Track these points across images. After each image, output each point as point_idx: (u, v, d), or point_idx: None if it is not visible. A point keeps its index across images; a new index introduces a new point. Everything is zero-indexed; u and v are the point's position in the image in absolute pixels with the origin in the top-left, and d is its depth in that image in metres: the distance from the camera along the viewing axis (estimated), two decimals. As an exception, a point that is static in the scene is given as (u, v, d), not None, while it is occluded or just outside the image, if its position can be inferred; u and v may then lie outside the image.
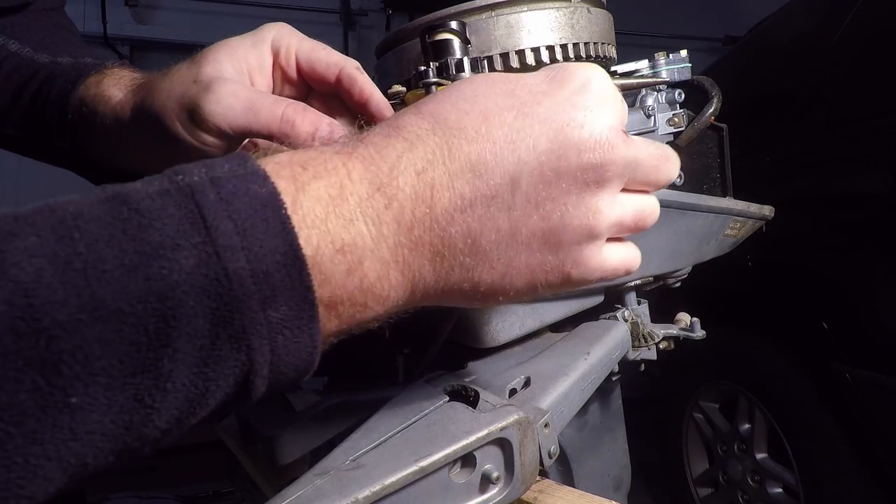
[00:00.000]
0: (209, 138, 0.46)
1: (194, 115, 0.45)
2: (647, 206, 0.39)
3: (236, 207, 0.27)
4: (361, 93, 0.49)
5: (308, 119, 0.45)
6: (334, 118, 0.48)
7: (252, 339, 0.27)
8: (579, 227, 0.35)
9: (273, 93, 0.50)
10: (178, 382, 0.26)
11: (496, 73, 0.36)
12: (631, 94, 0.71)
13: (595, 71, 0.37)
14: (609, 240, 0.38)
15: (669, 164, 0.40)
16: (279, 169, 0.30)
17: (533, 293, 0.37)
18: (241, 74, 0.48)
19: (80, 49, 0.62)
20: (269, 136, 0.46)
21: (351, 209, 0.31)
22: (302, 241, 0.28)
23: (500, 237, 0.34)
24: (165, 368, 0.26)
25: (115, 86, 0.54)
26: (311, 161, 0.31)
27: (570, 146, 0.34)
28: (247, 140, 0.51)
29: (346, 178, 0.31)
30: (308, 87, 0.51)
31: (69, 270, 0.24)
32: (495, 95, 0.35)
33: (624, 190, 0.38)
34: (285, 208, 0.28)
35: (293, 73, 0.50)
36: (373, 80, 0.68)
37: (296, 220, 0.29)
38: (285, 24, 0.51)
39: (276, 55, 0.50)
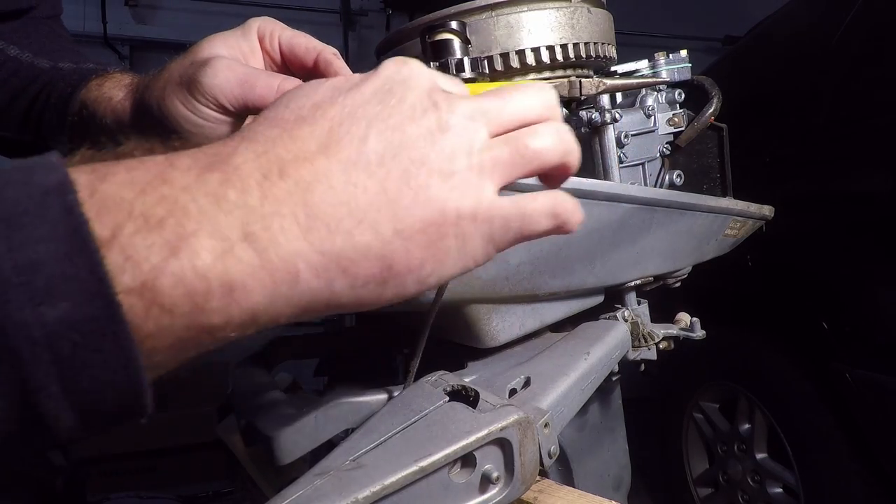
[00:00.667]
0: (208, 111, 0.47)
1: (192, 88, 0.46)
2: (524, 135, 0.34)
3: (6, 196, 0.23)
4: (336, 75, 0.50)
5: None
6: None
7: (19, 342, 0.22)
8: (436, 169, 0.31)
9: None
10: None
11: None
12: (631, 94, 0.71)
13: (403, 60, 0.35)
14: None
15: (526, 93, 0.35)
16: (80, 165, 0.26)
17: (449, 263, 0.32)
18: (237, 56, 0.50)
19: (79, 56, 0.62)
20: (264, 107, 0.46)
21: (173, 190, 0.26)
22: (97, 225, 0.24)
23: (365, 194, 0.29)
24: None
25: (116, 87, 0.54)
26: (119, 163, 0.27)
27: (395, 108, 0.32)
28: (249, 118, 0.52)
29: (166, 165, 0.27)
30: (290, 75, 0.53)
31: None
32: (324, 90, 0.33)
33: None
34: (74, 193, 0.24)
35: (277, 57, 0.52)
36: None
37: (90, 203, 0.24)
38: (269, 17, 0.53)
39: (261, 41, 0.52)
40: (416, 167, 0.31)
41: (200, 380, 2.28)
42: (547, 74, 0.61)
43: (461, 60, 0.51)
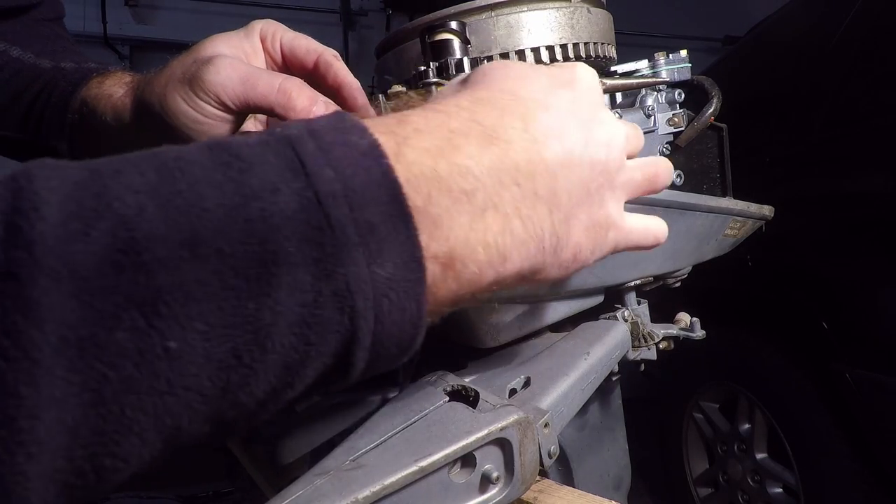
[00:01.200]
0: (210, 108, 0.47)
1: (195, 85, 0.46)
2: (650, 164, 0.41)
3: (336, 156, 0.26)
4: (336, 77, 0.51)
5: (305, 93, 0.47)
6: None
7: (356, 299, 0.25)
8: (609, 181, 0.37)
9: None
10: (278, 341, 0.24)
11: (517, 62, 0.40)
12: (631, 94, 0.71)
13: (590, 70, 0.40)
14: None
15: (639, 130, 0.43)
16: (377, 125, 0.29)
17: (594, 257, 0.38)
18: (239, 56, 0.50)
19: (81, 57, 0.62)
20: (268, 109, 0.47)
21: (463, 159, 0.29)
22: (410, 191, 0.27)
23: (580, 190, 0.35)
24: (265, 322, 0.24)
25: (116, 85, 0.54)
26: (407, 119, 0.30)
27: (597, 120, 0.37)
28: (249, 118, 0.52)
29: (451, 133, 0.30)
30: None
31: (170, 207, 0.23)
32: (544, 77, 0.37)
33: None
34: (387, 158, 0.27)
35: (279, 58, 0.52)
36: (373, 80, 0.68)
37: (400, 170, 0.27)
38: (271, 19, 0.54)
39: (263, 43, 0.52)
40: (601, 177, 0.36)
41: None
42: (547, 74, 0.61)
43: (461, 60, 0.51)
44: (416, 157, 0.28)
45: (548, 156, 0.33)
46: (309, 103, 0.46)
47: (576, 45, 0.60)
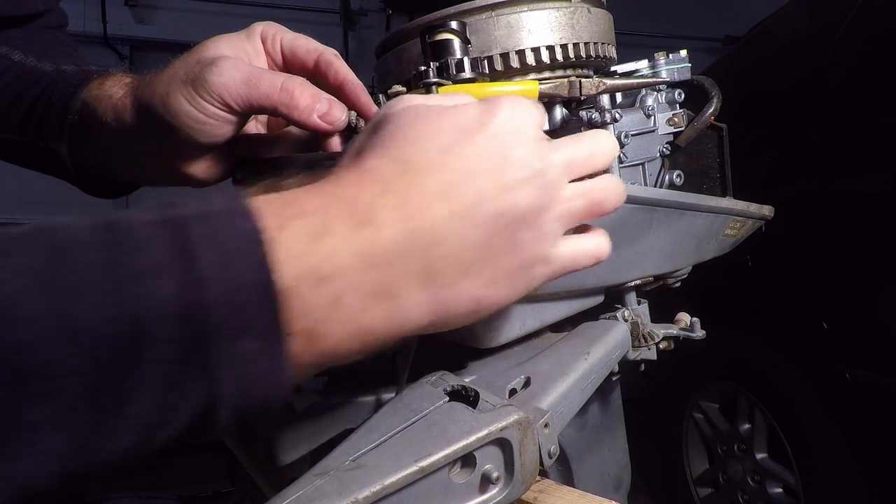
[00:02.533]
0: (213, 109, 0.47)
1: (198, 86, 0.47)
2: (596, 189, 0.40)
3: (220, 240, 0.28)
4: (336, 75, 0.51)
5: (307, 92, 0.47)
6: None
7: (220, 370, 0.28)
8: (532, 223, 0.37)
9: None
10: (138, 408, 0.26)
11: (432, 104, 0.38)
12: (631, 94, 0.71)
13: (514, 102, 0.39)
14: (578, 230, 0.41)
15: (601, 144, 0.41)
16: (265, 206, 0.31)
17: (515, 297, 0.39)
18: (241, 57, 0.50)
19: (83, 60, 0.63)
20: (271, 108, 0.47)
21: (334, 245, 0.32)
22: (283, 275, 0.29)
23: (476, 250, 0.35)
24: (127, 392, 0.26)
25: (117, 85, 0.55)
26: (295, 200, 0.32)
27: (509, 164, 0.36)
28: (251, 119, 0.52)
29: (328, 215, 0.32)
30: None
31: (51, 290, 0.25)
32: (447, 130, 0.36)
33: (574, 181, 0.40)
34: (266, 244, 0.29)
35: (279, 59, 0.53)
36: (373, 80, 0.68)
37: (278, 255, 0.29)
38: (271, 21, 0.54)
39: (264, 43, 0.53)
40: (517, 223, 0.36)
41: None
42: (547, 74, 0.61)
43: (461, 60, 0.51)
44: (292, 243, 0.30)
45: (425, 228, 0.34)
46: (311, 101, 0.47)
47: (576, 44, 0.60)
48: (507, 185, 0.36)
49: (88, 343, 0.25)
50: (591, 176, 0.41)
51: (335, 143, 0.52)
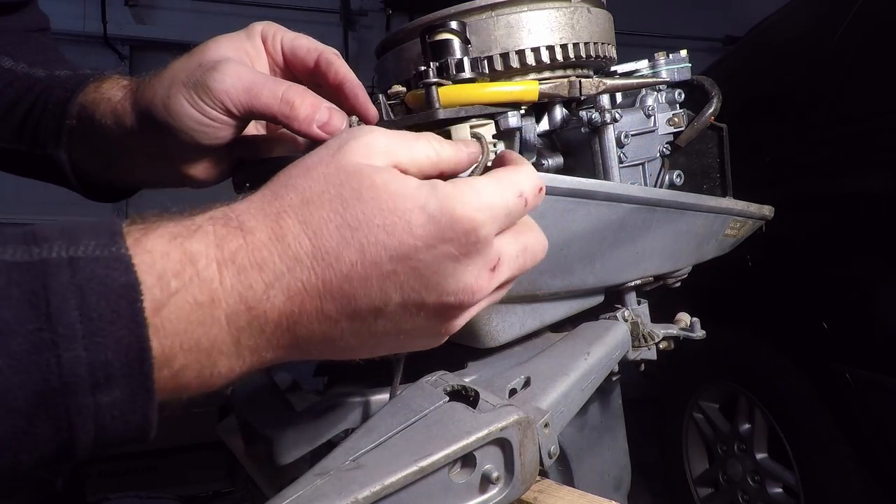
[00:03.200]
0: (214, 113, 0.47)
1: (200, 90, 0.47)
2: (504, 291, 0.41)
3: (87, 295, 0.28)
4: (336, 74, 0.51)
5: (308, 101, 0.47)
6: None
7: (75, 420, 0.28)
8: (435, 337, 0.40)
9: None
10: None
11: (383, 186, 0.35)
12: (631, 94, 0.71)
13: (474, 208, 0.36)
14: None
15: (538, 248, 0.41)
16: (150, 258, 0.30)
17: (434, 342, 0.41)
18: (243, 59, 0.50)
19: (73, 65, 0.62)
20: (272, 117, 0.47)
21: (216, 317, 0.32)
22: (154, 340, 0.29)
23: (360, 340, 0.37)
24: None
25: (115, 88, 0.54)
26: (183, 262, 0.31)
27: (437, 291, 0.36)
28: (251, 124, 0.52)
29: (218, 285, 0.32)
30: (293, 78, 0.53)
31: None
32: (377, 229, 0.34)
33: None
34: (141, 302, 0.29)
35: (280, 59, 0.53)
36: (373, 80, 0.68)
37: (154, 320, 0.29)
38: (271, 21, 0.54)
39: (264, 43, 0.53)
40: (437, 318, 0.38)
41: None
42: (547, 74, 0.61)
43: (461, 60, 0.51)
44: (173, 309, 0.30)
45: (304, 323, 0.35)
46: (311, 111, 0.46)
47: (576, 45, 0.60)
48: (420, 304, 0.36)
49: None
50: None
51: (367, 104, 0.52)
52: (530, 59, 0.58)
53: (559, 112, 0.65)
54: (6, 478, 0.29)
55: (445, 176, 0.39)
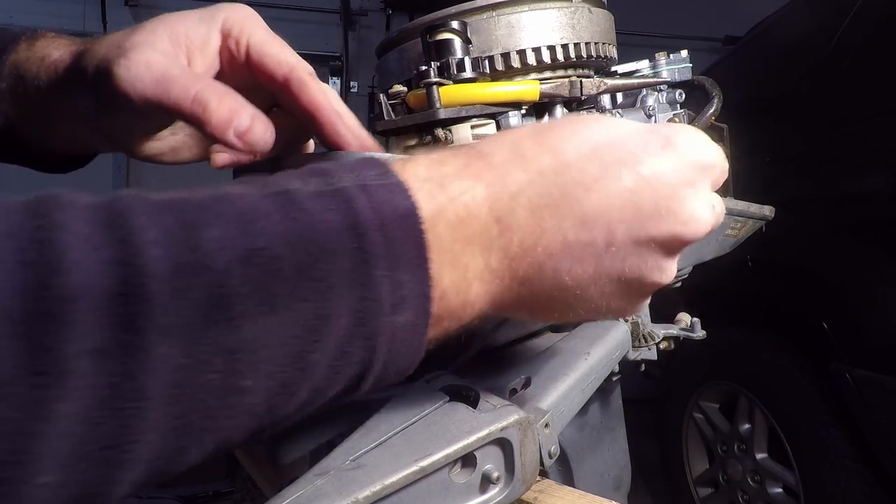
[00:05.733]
0: (115, 101, 0.42)
1: (103, 77, 0.42)
2: (719, 213, 0.41)
3: (384, 217, 0.30)
4: (310, 100, 0.45)
5: (226, 105, 0.41)
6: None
7: (379, 340, 0.30)
8: (651, 284, 0.38)
9: (219, 79, 0.44)
10: (318, 373, 0.29)
11: (608, 118, 0.39)
12: (632, 94, 0.71)
13: (705, 142, 0.38)
14: None
15: (719, 218, 0.41)
16: (418, 183, 0.32)
17: (592, 319, 0.43)
18: (177, 48, 0.44)
19: (2, 28, 0.55)
20: (182, 116, 0.42)
21: (471, 234, 0.33)
22: (431, 255, 0.31)
23: (583, 278, 0.36)
24: (313, 361, 0.29)
25: (50, 47, 0.49)
26: (445, 178, 0.33)
27: (671, 217, 0.36)
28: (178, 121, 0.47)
29: (471, 200, 0.33)
30: (253, 82, 0.47)
31: (252, 266, 0.27)
32: (614, 148, 0.36)
33: None
34: (423, 224, 0.31)
35: (241, 59, 0.45)
36: (374, 79, 0.66)
37: (430, 239, 0.31)
38: (247, 7, 0.46)
39: (226, 37, 0.45)
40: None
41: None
42: (548, 74, 0.61)
43: (462, 60, 0.51)
44: (442, 229, 0.32)
45: (543, 246, 0.35)
46: (228, 116, 0.40)
47: (577, 44, 0.60)
48: (650, 235, 0.36)
49: (284, 317, 0.27)
50: None
51: (346, 138, 0.46)
52: (531, 59, 0.58)
53: (560, 112, 0.65)
54: (299, 416, 0.31)
55: None
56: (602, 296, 0.37)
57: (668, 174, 0.35)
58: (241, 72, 0.46)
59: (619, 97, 0.70)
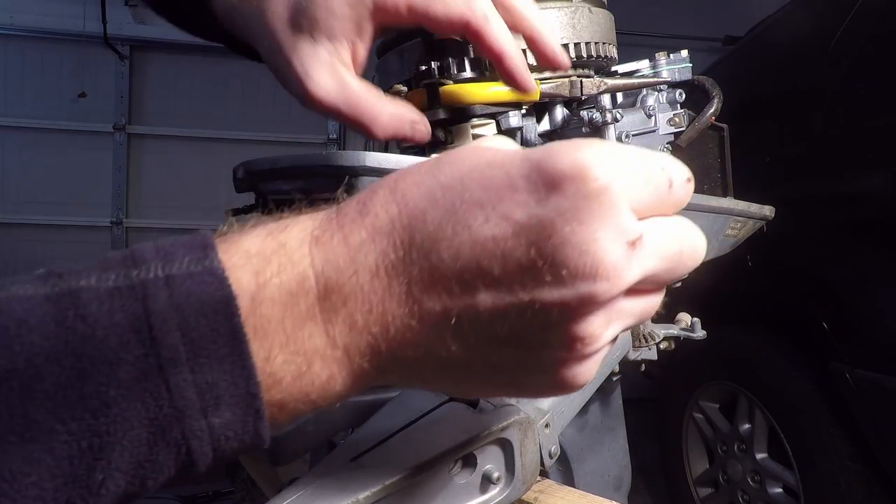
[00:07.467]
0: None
1: (292, 74, 0.45)
2: (649, 308, 0.33)
3: (186, 314, 0.27)
4: (489, 53, 0.46)
5: (391, 127, 0.47)
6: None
7: (193, 443, 0.27)
8: (565, 359, 0.30)
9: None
10: (112, 486, 0.27)
11: (478, 157, 0.30)
12: (632, 94, 0.71)
13: (594, 160, 0.27)
14: None
15: (695, 255, 0.34)
16: (243, 260, 0.29)
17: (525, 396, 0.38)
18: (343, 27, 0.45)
19: None
20: (352, 123, 0.46)
21: (304, 309, 0.29)
22: (254, 348, 0.28)
23: (459, 352, 0.30)
24: (98, 478, 0.26)
25: None
26: (280, 248, 0.29)
27: (557, 270, 0.27)
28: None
29: (304, 271, 0.29)
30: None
31: (4, 389, 0.24)
32: (471, 187, 0.29)
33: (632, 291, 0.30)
34: (239, 316, 0.27)
35: (403, 14, 0.44)
36: (373, 80, 0.67)
37: (249, 327, 0.28)
38: None
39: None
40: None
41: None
42: (548, 74, 0.61)
43: (462, 60, 0.51)
44: (267, 313, 0.28)
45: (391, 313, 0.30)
46: (392, 134, 0.46)
47: (577, 44, 0.60)
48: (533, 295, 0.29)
49: (50, 442, 0.25)
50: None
51: (517, 80, 0.48)
52: (531, 59, 0.58)
53: (560, 112, 0.65)
54: (134, 499, 0.29)
55: None
56: (500, 372, 0.31)
57: (534, 208, 0.27)
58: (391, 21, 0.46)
59: (620, 97, 0.70)
